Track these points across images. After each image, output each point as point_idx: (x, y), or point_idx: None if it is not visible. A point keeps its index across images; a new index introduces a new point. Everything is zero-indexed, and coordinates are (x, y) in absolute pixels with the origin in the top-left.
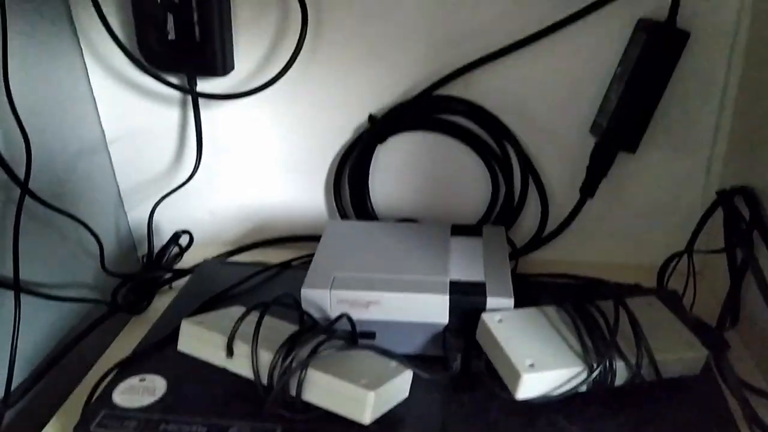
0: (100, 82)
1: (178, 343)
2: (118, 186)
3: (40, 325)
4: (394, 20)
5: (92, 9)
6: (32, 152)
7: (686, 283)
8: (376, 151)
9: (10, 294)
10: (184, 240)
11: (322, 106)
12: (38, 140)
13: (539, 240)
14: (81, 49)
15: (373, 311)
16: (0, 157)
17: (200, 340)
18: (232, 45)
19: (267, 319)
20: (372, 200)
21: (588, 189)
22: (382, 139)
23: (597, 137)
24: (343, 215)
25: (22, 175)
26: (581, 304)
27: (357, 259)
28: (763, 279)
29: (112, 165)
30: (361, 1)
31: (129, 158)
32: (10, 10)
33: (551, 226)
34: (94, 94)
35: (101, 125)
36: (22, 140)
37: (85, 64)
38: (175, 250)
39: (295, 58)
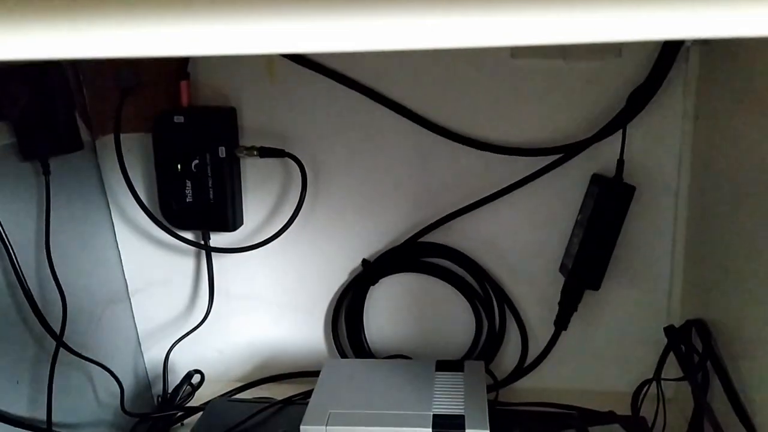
0: (125, 240)
1: None
2: (137, 331)
3: None
4: (382, 179)
5: (121, 178)
6: (69, 308)
7: (656, 409)
8: (369, 292)
9: None
10: (196, 378)
11: (320, 253)
12: (70, 295)
13: (520, 371)
14: (110, 212)
15: None
16: (40, 314)
17: None
18: (242, 204)
19: None
20: (367, 336)
21: (561, 322)
22: (375, 281)
23: (565, 276)
24: (341, 351)
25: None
26: None
27: (351, 396)
28: (712, 413)
29: (132, 313)
30: (351, 165)
31: (148, 306)
32: (53, 182)
33: (531, 357)
34: (120, 250)
35: (125, 277)
36: (59, 297)
37: (113, 226)
38: (188, 389)
39: (297, 214)
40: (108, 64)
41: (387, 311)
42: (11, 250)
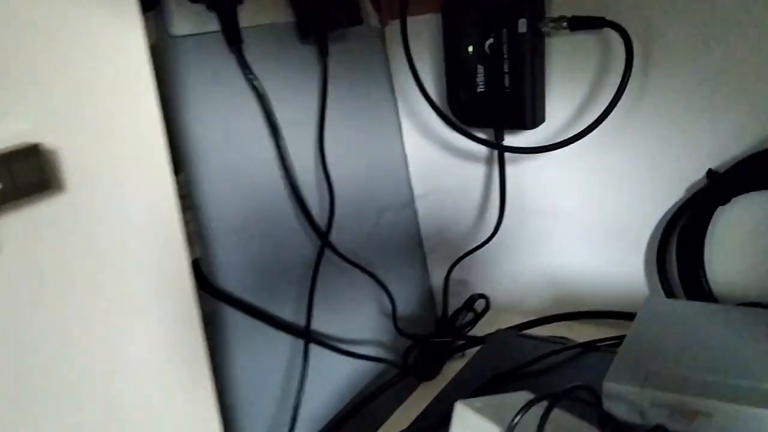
0: (411, 139)
1: (451, 427)
2: (421, 244)
3: (330, 380)
4: (741, 53)
5: (408, 71)
6: (341, 207)
7: None
8: (715, 215)
9: (301, 343)
10: (480, 304)
11: (644, 160)
12: (347, 196)
13: None
14: (397, 107)
15: (702, 426)
16: (306, 210)
17: (474, 428)
18: (544, 94)
19: (557, 414)
20: (708, 276)
21: None
22: (725, 200)
23: None
24: (669, 292)
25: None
26: None
27: (680, 352)
28: None
29: (418, 223)
30: (695, 39)
31: (432, 216)
32: (335, 71)
33: None
34: (407, 153)
35: (409, 181)
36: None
37: (399, 122)
38: (470, 315)
39: (615, 105)
40: None
41: (739, 241)
42: (281, 140)
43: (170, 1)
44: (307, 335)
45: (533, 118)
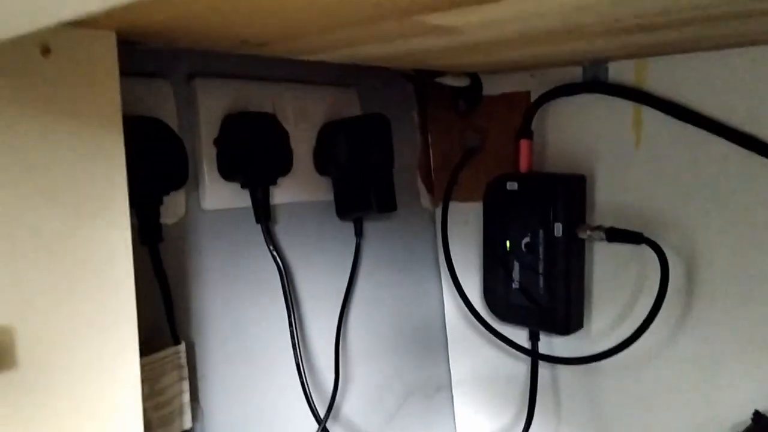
0: (453, 322)
1: None
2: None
3: None
4: None
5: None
6: (361, 385)
7: None
8: None
9: None
10: None
11: (689, 388)
12: (373, 373)
13: None
14: (442, 289)
15: None
16: (307, 393)
17: None
18: (581, 300)
19: None
20: None
21: None
22: None
23: None
24: None
25: None
26: None
27: None
28: None
29: (453, 410)
30: (744, 262)
31: (466, 403)
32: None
33: None
34: (447, 335)
35: (449, 364)
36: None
37: (443, 304)
38: None
39: (647, 326)
40: (456, 124)
41: None
42: (294, 316)
43: (205, 178)
44: None
45: (567, 324)
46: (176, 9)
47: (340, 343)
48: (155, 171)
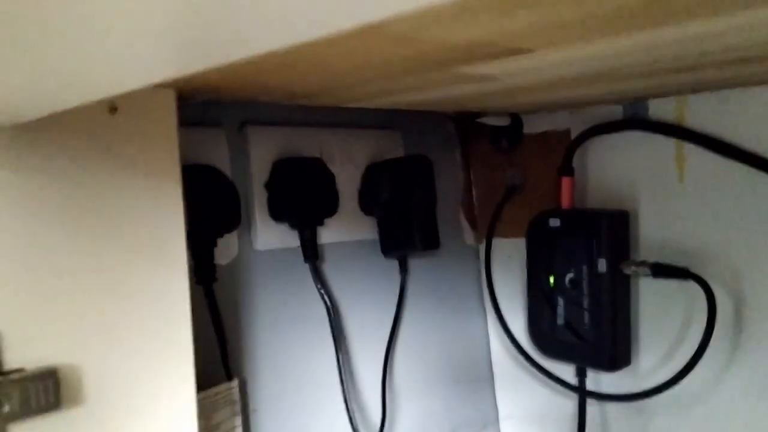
0: (498, 358)
1: None
2: None
3: None
4: None
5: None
6: (407, 419)
7: None
8: None
9: None
10: None
11: (737, 423)
12: (419, 408)
13: None
14: (487, 325)
15: None
16: (355, 428)
17: None
18: (628, 337)
19: None
20: None
21: None
22: None
23: None
24: None
25: None
26: None
27: None
28: None
29: None
30: None
31: None
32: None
33: None
34: (492, 368)
35: (495, 402)
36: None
37: (488, 340)
38: None
39: (696, 363)
40: (498, 162)
41: None
42: (341, 353)
43: (257, 220)
44: None
45: (613, 360)
46: (243, 70)
47: (387, 379)
48: (210, 215)
